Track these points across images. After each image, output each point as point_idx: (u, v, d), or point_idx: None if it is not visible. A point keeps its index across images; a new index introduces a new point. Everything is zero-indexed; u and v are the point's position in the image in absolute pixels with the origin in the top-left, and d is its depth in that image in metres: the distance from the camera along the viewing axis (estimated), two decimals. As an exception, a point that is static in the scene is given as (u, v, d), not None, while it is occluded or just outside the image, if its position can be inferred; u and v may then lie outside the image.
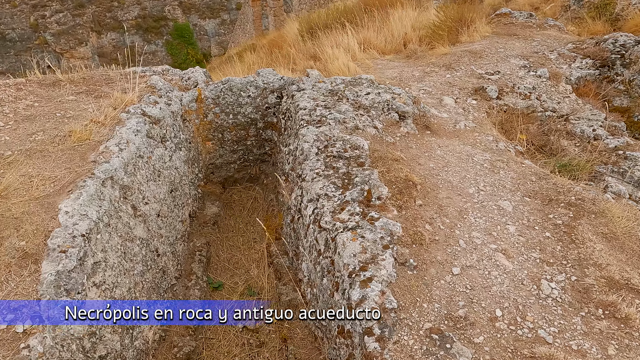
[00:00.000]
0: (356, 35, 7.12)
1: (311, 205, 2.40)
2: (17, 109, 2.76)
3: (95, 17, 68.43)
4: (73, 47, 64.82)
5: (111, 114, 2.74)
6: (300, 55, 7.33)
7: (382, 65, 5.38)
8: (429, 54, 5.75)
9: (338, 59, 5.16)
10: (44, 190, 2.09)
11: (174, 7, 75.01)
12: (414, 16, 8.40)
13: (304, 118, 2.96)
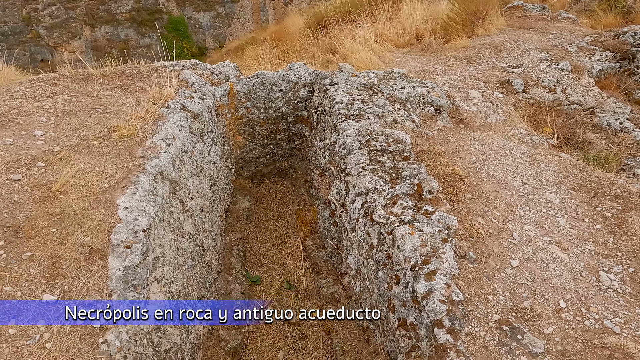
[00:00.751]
0: (363, 28, 7.10)
1: (359, 199, 2.41)
2: (57, 104, 2.74)
3: (88, 10, 67.61)
4: (66, 41, 64.10)
5: (152, 109, 2.72)
6: (313, 49, 7.29)
7: (401, 58, 5.38)
8: (446, 48, 5.75)
9: (359, 52, 5.14)
10: (99, 186, 2.08)
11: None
12: (422, 9, 8.36)
13: (341, 112, 2.96)
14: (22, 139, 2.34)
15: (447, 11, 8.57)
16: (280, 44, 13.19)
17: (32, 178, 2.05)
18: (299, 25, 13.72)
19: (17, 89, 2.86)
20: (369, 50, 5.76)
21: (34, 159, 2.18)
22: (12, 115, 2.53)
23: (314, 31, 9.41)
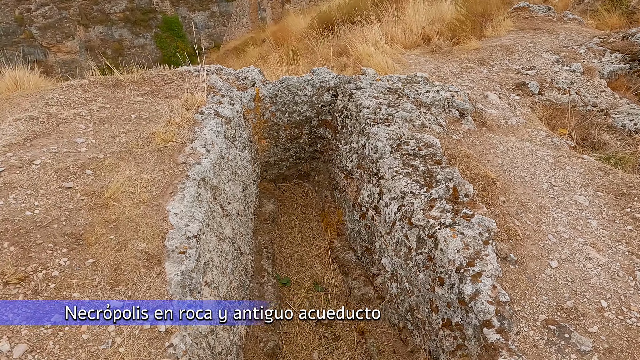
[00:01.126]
0: (373, 29, 7.15)
1: (395, 202, 2.48)
2: (92, 111, 2.78)
3: (81, 10, 67.15)
4: (60, 41, 63.64)
5: (186, 115, 2.77)
6: (322, 50, 7.33)
7: (414, 60, 5.44)
8: (456, 49, 5.82)
9: (372, 55, 5.21)
10: (148, 192, 2.13)
11: (162, -1, 73.28)
12: (426, 9, 8.42)
13: (369, 117, 3.03)
14: (66, 146, 2.38)
15: (451, 11, 8.64)
16: (283, 45, 13.20)
17: (84, 186, 2.09)
18: (301, 25, 13.74)
19: (51, 96, 2.90)
20: (381, 52, 5.82)
21: (81, 166, 2.22)
22: (51, 123, 2.57)
23: (319, 32, 9.45)
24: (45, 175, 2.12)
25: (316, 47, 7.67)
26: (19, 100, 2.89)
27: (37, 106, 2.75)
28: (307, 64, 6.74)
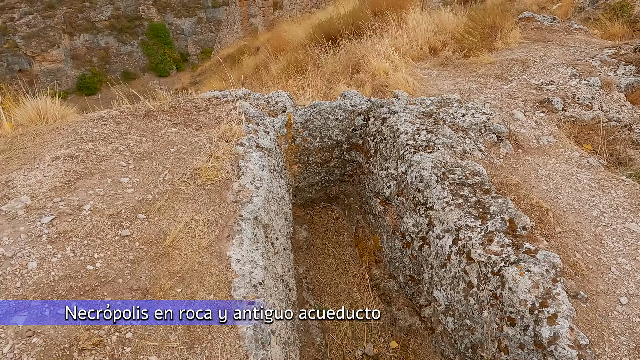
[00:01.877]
0: (383, 41, 7.13)
1: (449, 235, 2.44)
2: (129, 145, 2.69)
3: (66, 19, 66.21)
4: (45, 50, 62.61)
5: (227, 148, 2.70)
6: (329, 63, 7.28)
7: (429, 75, 5.43)
8: (468, 63, 5.83)
9: (389, 72, 5.18)
10: (206, 237, 2.06)
11: (148, 6, 73.18)
12: (427, 20, 8.43)
13: (408, 143, 2.99)
14: (112, 187, 2.29)
15: (452, 21, 8.67)
16: (280, 55, 13.11)
17: (140, 233, 2.01)
18: (298, 35, 13.65)
19: (84, 129, 2.80)
20: (395, 67, 5.80)
21: (132, 210, 2.14)
22: (92, 161, 2.48)
23: (322, 43, 9.39)
24: (99, 223, 2.03)
25: (324, 60, 7.62)
26: (50, 134, 2.79)
27: (72, 142, 2.65)
28: (315, 78, 6.67)
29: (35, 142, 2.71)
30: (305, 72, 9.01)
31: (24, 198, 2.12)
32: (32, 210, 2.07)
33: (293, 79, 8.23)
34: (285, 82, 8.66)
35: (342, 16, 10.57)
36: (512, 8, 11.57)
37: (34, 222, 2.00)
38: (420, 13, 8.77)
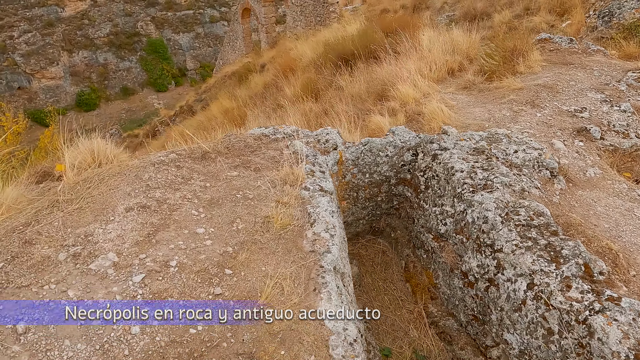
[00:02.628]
0: (405, 64, 7.20)
1: (522, 280, 2.45)
2: (195, 191, 2.71)
3: (65, 36, 66.46)
4: (44, 67, 62.77)
5: (292, 193, 2.72)
6: (349, 87, 7.33)
7: (457, 100, 5.48)
8: (494, 87, 5.89)
9: (420, 101, 5.23)
10: (294, 292, 2.06)
11: (146, 22, 73.71)
12: (441, 40, 8.50)
13: (466, 182, 3.01)
14: (191, 239, 2.30)
15: (465, 40, 8.76)
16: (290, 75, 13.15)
17: (232, 290, 2.01)
18: (306, 54, 13.73)
19: (147, 176, 2.82)
20: (418, 91, 5.86)
21: (218, 265, 2.14)
22: (164, 211, 2.49)
23: (336, 65, 9.46)
24: (189, 280, 2.04)
25: (343, 84, 7.68)
26: (114, 181, 2.80)
27: (139, 190, 2.66)
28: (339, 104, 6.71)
29: (101, 190, 2.72)
30: (320, 95, 9.06)
31: (111, 255, 2.12)
32: (120, 269, 2.07)
33: (312, 103, 8.29)
34: (302, 104, 8.71)
35: (353, 37, 10.63)
36: (521, 26, 11.72)
37: (125, 281, 2.00)
38: (431, 32, 8.85)
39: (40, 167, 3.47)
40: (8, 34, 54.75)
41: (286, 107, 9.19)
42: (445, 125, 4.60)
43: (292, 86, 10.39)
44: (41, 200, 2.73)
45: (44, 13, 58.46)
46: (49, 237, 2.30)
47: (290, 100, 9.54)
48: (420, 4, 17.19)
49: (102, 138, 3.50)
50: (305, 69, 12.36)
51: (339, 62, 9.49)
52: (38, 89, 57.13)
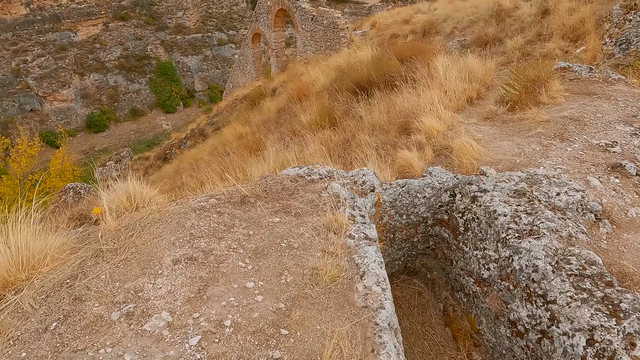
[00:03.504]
0: (426, 93, 7.21)
1: (581, 335, 2.37)
2: (239, 240, 2.67)
3: (77, 60, 67.87)
4: (56, 90, 63.96)
5: (338, 242, 2.68)
6: (369, 117, 7.34)
7: (481, 132, 5.46)
8: (518, 118, 5.88)
9: (447, 135, 5.21)
10: (353, 353, 2.00)
11: (156, 45, 75.23)
12: (457, 68, 8.53)
13: (510, 227, 2.96)
14: (241, 295, 2.25)
15: (480, 67, 8.79)
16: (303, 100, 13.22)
17: (291, 354, 1.95)
18: (319, 80, 13.82)
19: (189, 223, 2.79)
20: (442, 123, 5.84)
21: (273, 324, 2.09)
22: (212, 263, 2.45)
23: (353, 92, 9.50)
24: (246, 343, 1.98)
25: (362, 113, 7.70)
26: (156, 229, 2.77)
27: (183, 239, 2.63)
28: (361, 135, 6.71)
29: (145, 239, 2.69)
30: (337, 123, 9.07)
31: (164, 315, 2.08)
32: (175, 329, 2.02)
33: (331, 132, 8.30)
34: (321, 132, 8.71)
35: (368, 64, 10.69)
36: (535, 52, 11.77)
37: (181, 344, 1.95)
38: (446, 59, 8.88)
39: (76, 209, 3.47)
40: (22, 58, 56.07)
41: (304, 135, 9.21)
42: (475, 160, 4.57)
43: (308, 113, 10.42)
44: (84, 249, 2.70)
45: (57, 38, 59.90)
46: (98, 292, 2.26)
47: (307, 128, 9.56)
48: (430, 29, 17.39)
49: (134, 180, 3.51)
50: (319, 94, 12.45)
51: (355, 89, 9.53)
52: (50, 111, 58.14)
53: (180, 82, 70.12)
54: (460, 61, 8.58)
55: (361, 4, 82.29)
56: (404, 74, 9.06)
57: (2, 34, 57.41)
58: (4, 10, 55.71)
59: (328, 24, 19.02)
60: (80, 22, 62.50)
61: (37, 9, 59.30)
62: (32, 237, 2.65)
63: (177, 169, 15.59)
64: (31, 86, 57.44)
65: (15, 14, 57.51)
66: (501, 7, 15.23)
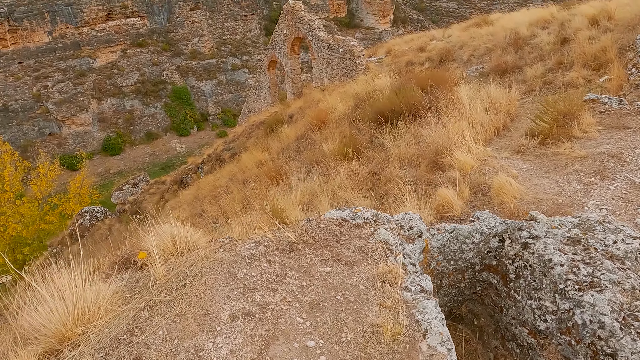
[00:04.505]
0: (453, 125, 7.16)
1: (659, 400, 2.24)
2: (294, 292, 2.62)
3: (95, 85, 69.68)
4: (74, 114, 65.47)
5: (394, 295, 2.61)
6: (396, 149, 7.29)
7: (517, 168, 5.38)
8: (552, 153, 5.80)
9: (483, 173, 5.14)
10: None
11: (171, 71, 76.96)
12: (481, 98, 8.49)
13: (569, 278, 2.86)
14: (304, 355, 2.18)
15: (503, 96, 8.75)
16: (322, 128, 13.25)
17: None
18: (338, 107, 13.86)
19: (241, 273, 2.75)
20: (474, 158, 5.78)
21: (341, 391, 2.01)
22: (269, 319, 2.39)
23: (374, 122, 9.50)
24: (317, 412, 1.91)
25: (389, 145, 7.66)
26: (207, 278, 2.73)
27: (237, 291, 2.59)
28: (389, 169, 6.67)
29: (197, 290, 2.65)
30: (361, 153, 9.03)
31: (229, 379, 2.01)
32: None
33: (357, 161, 8.28)
34: (346, 163, 8.68)
35: (390, 93, 10.71)
36: (557, 81, 11.73)
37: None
38: (469, 89, 8.86)
39: (120, 253, 3.46)
40: (43, 83, 57.82)
41: (327, 164, 9.20)
42: (515, 199, 4.49)
43: (330, 142, 10.40)
44: (136, 299, 2.67)
45: (77, 64, 61.72)
46: (158, 350, 2.21)
47: (330, 157, 9.53)
48: (447, 56, 17.51)
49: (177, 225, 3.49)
50: (338, 122, 12.48)
51: (378, 118, 9.52)
52: (67, 134, 59.47)
53: (194, 106, 71.42)
54: (482, 90, 8.56)
55: (372, 29, 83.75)
56: (426, 103, 9.05)
57: (25, 61, 59.35)
58: (27, 39, 57.73)
59: (344, 52, 19.30)
60: (100, 49, 64.44)
61: (59, 37, 61.37)
62: (83, 286, 2.63)
63: (195, 195, 15.65)
64: (51, 110, 58.95)
65: (39, 42, 59.55)
66: (518, 35, 15.29)
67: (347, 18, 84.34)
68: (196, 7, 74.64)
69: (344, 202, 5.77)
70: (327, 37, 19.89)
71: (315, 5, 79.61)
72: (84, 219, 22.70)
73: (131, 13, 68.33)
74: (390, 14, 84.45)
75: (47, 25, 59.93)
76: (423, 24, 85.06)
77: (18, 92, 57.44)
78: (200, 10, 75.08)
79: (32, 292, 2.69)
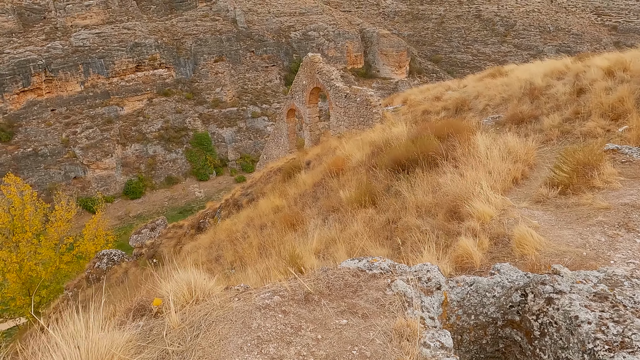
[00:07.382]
0: (464, 173, 7.13)
1: None
2: (309, 346, 2.55)
3: (121, 131, 72.45)
4: (99, 159, 67.70)
5: (413, 351, 2.51)
6: (413, 198, 7.26)
7: (538, 219, 5.28)
8: (573, 203, 5.69)
9: (504, 224, 5.06)
10: None
11: (194, 118, 79.73)
12: (498, 147, 8.47)
13: (598, 337, 2.72)
14: (318, 416, 2.09)
15: (520, 145, 8.71)
16: (339, 175, 13.34)
17: None
18: (355, 155, 14.00)
19: (255, 324, 2.70)
20: (493, 207, 5.70)
21: None
22: (283, 375, 2.32)
23: (391, 170, 9.54)
24: None
25: (406, 194, 7.64)
26: (221, 328, 2.70)
27: (251, 342, 2.54)
28: (407, 216, 6.63)
29: (210, 340, 2.61)
30: (377, 201, 9.00)
31: None
32: None
33: (373, 209, 8.25)
34: (361, 212, 8.66)
35: (407, 142, 10.80)
36: (575, 130, 11.70)
37: None
38: (485, 137, 8.86)
39: (136, 300, 3.45)
40: (72, 129, 60.46)
41: (343, 212, 9.18)
42: (537, 251, 4.37)
43: (347, 189, 10.43)
44: (149, 349, 2.64)
45: (105, 112, 64.63)
46: (168, 405, 2.15)
47: (346, 204, 9.53)
48: (462, 106, 17.75)
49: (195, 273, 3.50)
50: (355, 169, 12.57)
51: (395, 166, 9.56)
52: (91, 178, 61.26)
53: (214, 152, 73.20)
54: (499, 139, 8.57)
55: (388, 80, 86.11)
56: (443, 152, 9.08)
57: (58, 108, 62.49)
58: (61, 88, 61.11)
59: (361, 101, 19.78)
60: (128, 98, 67.60)
61: (91, 86, 64.79)
62: (97, 333, 2.62)
63: (212, 239, 15.69)
64: (77, 155, 61.18)
65: (71, 91, 62.92)
66: (534, 85, 15.48)
67: (364, 69, 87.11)
68: (220, 59, 78.39)
69: (360, 251, 5.71)
70: (345, 87, 20.50)
71: (334, 57, 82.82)
72: (101, 262, 22.85)
73: (159, 65, 72.11)
74: (406, 65, 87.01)
75: (81, 76, 63.51)
76: (438, 75, 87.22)
77: (48, 137, 60.07)
78: (224, 62, 78.72)
79: (47, 337, 2.70)
